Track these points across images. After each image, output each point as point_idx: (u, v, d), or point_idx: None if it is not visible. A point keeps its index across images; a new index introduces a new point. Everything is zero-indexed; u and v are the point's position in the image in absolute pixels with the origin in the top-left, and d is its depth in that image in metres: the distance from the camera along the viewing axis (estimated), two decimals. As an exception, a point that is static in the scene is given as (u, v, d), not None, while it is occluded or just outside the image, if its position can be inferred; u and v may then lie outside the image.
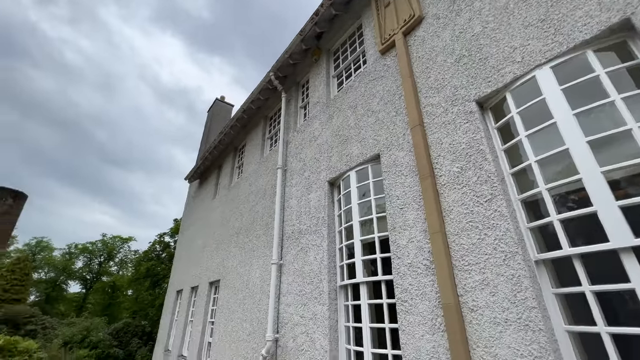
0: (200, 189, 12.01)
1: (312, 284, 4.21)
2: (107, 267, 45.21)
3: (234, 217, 7.74)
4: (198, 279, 8.84)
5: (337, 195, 4.53)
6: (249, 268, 6.13)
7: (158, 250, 26.37)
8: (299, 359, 4.03)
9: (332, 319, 3.76)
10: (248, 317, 5.58)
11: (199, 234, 10.20)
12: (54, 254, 44.20)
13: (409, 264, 3.00)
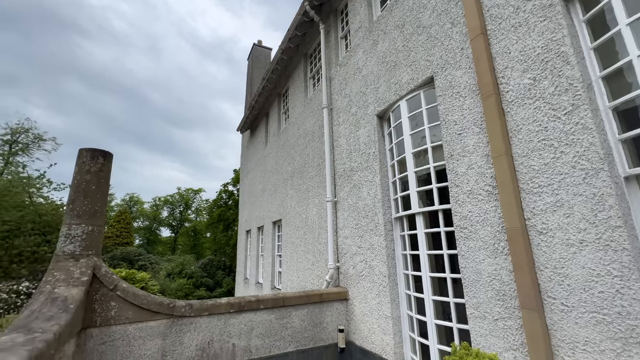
0: (252, 138, 12.54)
1: (367, 217, 4.35)
2: (186, 215, 52.36)
3: (286, 161, 8.05)
4: (262, 220, 9.78)
5: (387, 129, 4.34)
6: (306, 207, 6.52)
7: (224, 198, 29.39)
8: (359, 282, 4.40)
9: (389, 248, 3.93)
10: (310, 249, 6.12)
11: (257, 180, 10.97)
12: (144, 207, 52.28)
13: (468, 191, 2.87)
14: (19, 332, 2.33)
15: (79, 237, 3.37)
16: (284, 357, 4.05)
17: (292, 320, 4.22)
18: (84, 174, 3.55)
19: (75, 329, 3.05)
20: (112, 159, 3.90)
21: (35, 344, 2.12)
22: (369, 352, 4.03)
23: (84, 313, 3.24)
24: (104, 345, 3.26)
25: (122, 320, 3.37)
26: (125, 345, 3.33)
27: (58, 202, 20.53)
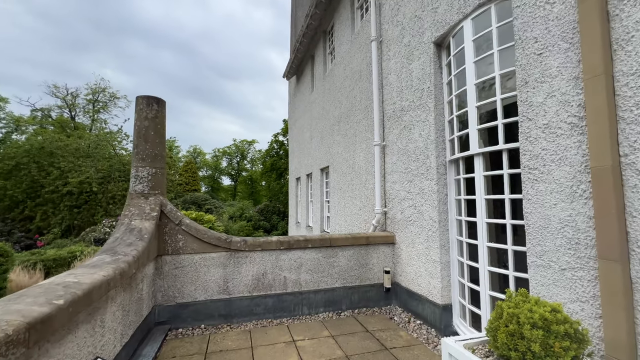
0: (298, 85, 12.22)
1: (418, 161, 4.05)
2: (243, 165, 56.03)
3: (333, 106, 7.73)
4: (310, 167, 9.93)
5: (446, 58, 3.75)
6: (353, 153, 6.34)
7: (276, 148, 30.41)
8: (407, 227, 4.29)
9: (440, 193, 3.67)
10: (357, 194, 6.09)
11: (304, 128, 10.92)
12: (206, 157, 57.03)
13: (544, 125, 2.40)
14: (107, 253, 2.75)
15: (145, 178, 3.74)
16: (332, 291, 4.31)
17: (339, 260, 4.39)
18: (142, 120, 3.80)
19: (152, 255, 3.54)
20: (165, 105, 4.08)
21: (119, 264, 2.48)
22: (414, 293, 4.07)
23: (158, 243, 3.73)
24: (176, 270, 3.77)
25: (188, 251, 3.82)
26: (193, 272, 3.82)
27: (135, 153, 23.25)
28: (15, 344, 1.26)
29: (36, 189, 20.58)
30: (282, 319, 4.05)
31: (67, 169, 20.67)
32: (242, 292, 3.97)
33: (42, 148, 21.69)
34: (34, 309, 1.46)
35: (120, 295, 2.58)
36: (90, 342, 2.03)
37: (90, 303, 1.93)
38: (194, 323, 3.77)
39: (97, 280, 2.05)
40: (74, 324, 1.82)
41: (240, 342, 3.38)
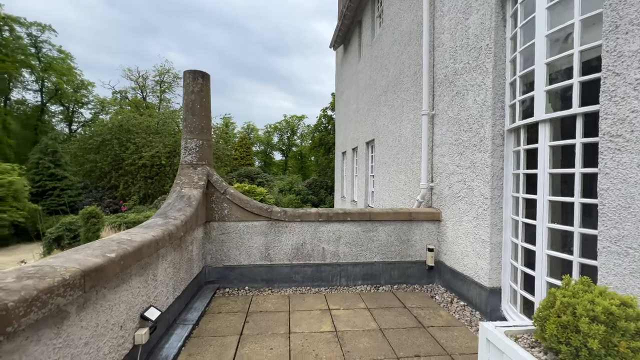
0: (345, 54, 11.72)
1: (471, 131, 3.63)
2: (293, 140, 57.28)
3: (380, 74, 7.27)
4: (356, 141, 9.68)
5: (511, 8, 3.18)
6: (399, 124, 5.96)
7: (324, 123, 30.28)
8: (455, 204, 3.97)
9: (495, 167, 3.26)
10: (402, 169, 5.79)
11: (351, 100, 10.57)
12: (259, 133, 59.47)
13: (636, 80, 1.91)
14: (160, 217, 3.04)
15: (193, 149, 3.98)
16: (370, 265, 4.27)
17: (379, 234, 4.28)
18: (189, 94, 3.99)
19: (201, 221, 3.84)
20: (210, 79, 4.21)
21: (168, 227, 2.72)
22: (459, 273, 3.82)
23: (206, 210, 4.02)
24: (222, 236, 4.06)
25: (233, 218, 4.06)
26: (238, 238, 4.07)
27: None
28: (72, 287, 1.46)
29: (118, 161, 23.74)
30: (320, 288, 4.16)
31: (141, 144, 23.32)
32: (282, 260, 4.14)
33: (121, 126, 24.66)
34: (90, 259, 1.67)
35: (171, 254, 2.86)
36: (144, 292, 2.30)
37: (140, 258, 2.15)
38: (239, 284, 4.08)
39: (147, 239, 2.28)
40: (127, 275, 2.06)
41: (279, 306, 3.58)
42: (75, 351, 1.56)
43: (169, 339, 2.66)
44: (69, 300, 1.45)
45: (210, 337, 2.86)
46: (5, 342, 1.16)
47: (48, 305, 1.31)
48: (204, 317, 3.25)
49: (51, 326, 1.39)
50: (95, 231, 13.47)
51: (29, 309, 1.21)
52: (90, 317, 1.67)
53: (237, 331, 2.96)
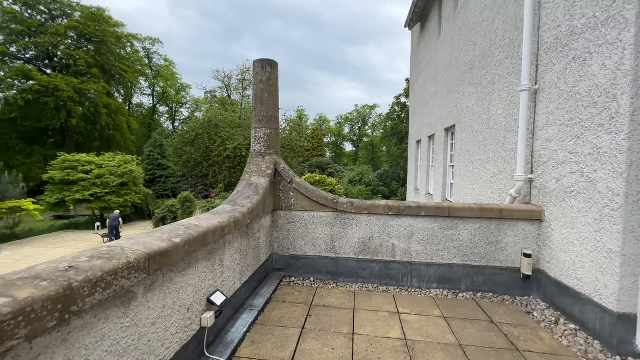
0: (422, 33, 10.66)
1: (595, 106, 2.77)
2: (364, 130, 56.33)
3: (464, 49, 6.32)
4: (433, 128, 8.78)
5: None
6: (488, 105, 5.07)
7: (397, 111, 28.77)
8: (565, 201, 3.14)
9: (633, 152, 2.41)
10: (491, 158, 4.93)
11: (428, 82, 9.61)
12: (330, 124, 60.18)
13: None
14: (229, 204, 3.12)
15: (262, 138, 4.03)
16: (448, 267, 3.74)
17: (459, 233, 3.70)
18: (258, 83, 4.02)
19: (269, 209, 3.88)
20: (278, 67, 4.18)
21: (234, 213, 2.75)
22: (569, 288, 3.03)
23: (274, 199, 4.05)
24: (289, 225, 4.05)
25: (299, 208, 4.00)
26: (303, 228, 4.01)
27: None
28: (137, 270, 1.50)
29: (208, 153, 26.86)
30: (389, 287, 3.83)
31: (226, 137, 25.87)
32: (348, 254, 3.94)
33: (210, 121, 27.73)
34: (156, 243, 1.72)
35: (238, 241, 2.91)
36: (210, 277, 2.37)
37: (206, 244, 2.19)
38: (304, 275, 4.03)
39: (212, 225, 2.32)
40: (194, 259, 2.11)
41: (343, 301, 3.39)
42: (143, 330, 1.63)
43: (235, 324, 2.73)
44: (134, 282, 1.49)
45: (274, 326, 2.84)
46: (74, 318, 1.22)
47: (113, 286, 1.35)
48: (269, 305, 3.27)
49: (119, 306, 1.45)
50: (189, 213, 15.46)
51: (94, 290, 1.25)
52: (157, 298, 1.73)
53: (299, 324, 2.89)
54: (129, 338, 1.52)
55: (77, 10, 32.54)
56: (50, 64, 31.94)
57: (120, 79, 37.19)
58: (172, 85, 48.03)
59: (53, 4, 31.56)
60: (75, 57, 31.00)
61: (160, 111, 50.41)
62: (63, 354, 1.18)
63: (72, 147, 27.40)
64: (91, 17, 32.51)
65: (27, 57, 31.09)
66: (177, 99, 49.37)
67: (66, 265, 1.27)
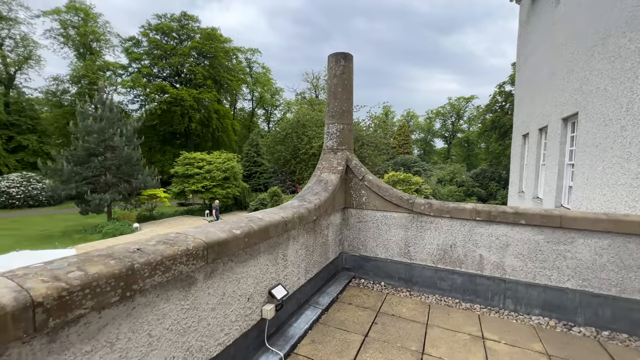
0: (534, 5, 8.87)
1: None
2: (458, 125, 51.03)
3: (595, 14, 4.93)
4: (546, 118, 7.21)
5: None
6: (631, 84, 3.82)
7: (499, 101, 24.98)
8: None
9: None
10: (633, 154, 3.71)
11: (541, 63, 7.94)
12: (419, 120, 56.64)
13: None
14: (297, 199, 3.15)
15: (334, 134, 3.96)
16: (558, 291, 2.96)
17: (577, 249, 2.88)
18: (332, 78, 3.96)
19: (339, 206, 3.79)
20: (352, 60, 4.03)
21: (300, 209, 2.75)
22: None
23: (345, 196, 3.94)
24: (360, 224, 3.88)
25: (371, 207, 3.79)
26: (375, 228, 3.78)
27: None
28: (195, 257, 1.59)
29: (296, 151, 28.64)
30: (474, 304, 3.27)
31: (312, 136, 27.07)
32: (424, 261, 3.53)
33: (298, 121, 29.48)
34: (216, 233, 1.81)
35: (303, 237, 2.91)
36: (272, 269, 2.41)
37: (267, 237, 2.23)
38: (374, 278, 3.80)
39: (275, 219, 2.35)
40: (255, 252, 2.17)
41: (415, 313, 3.05)
42: (203, 314, 1.73)
43: (297, 319, 2.73)
44: (192, 268, 1.58)
45: (336, 328, 2.74)
46: (137, 296, 1.35)
47: (171, 270, 1.46)
48: (335, 305, 3.19)
49: (180, 289, 1.57)
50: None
51: (153, 272, 1.37)
52: (217, 285, 1.82)
53: (362, 330, 2.71)
54: (189, 319, 1.63)
55: (197, 32, 38.93)
56: (178, 79, 39.14)
57: (227, 87, 42.97)
58: (267, 90, 52.99)
59: (181, 30, 38.52)
60: (195, 72, 37.21)
61: (258, 114, 56.27)
62: (128, 326, 1.32)
63: (192, 147, 33.06)
64: (207, 36, 38.40)
65: (164, 75, 38.83)
66: (271, 102, 54.22)
67: (135, 247, 1.42)
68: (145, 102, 36.88)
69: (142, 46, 37.29)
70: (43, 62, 35.61)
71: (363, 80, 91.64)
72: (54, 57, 46.84)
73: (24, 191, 25.27)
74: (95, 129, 17.66)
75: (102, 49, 38.57)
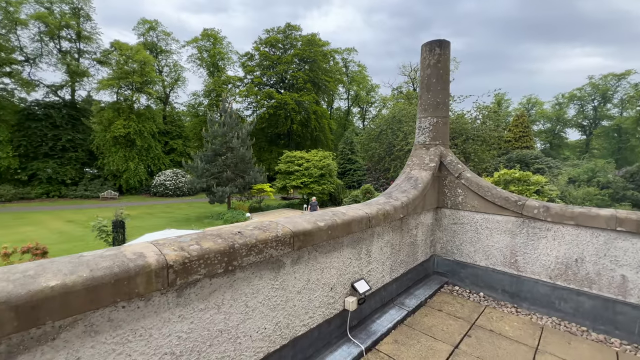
0: None
1: None
2: (603, 110, 40.05)
3: None
4: None
5: None
6: None
7: (676, 74, 18.36)
8: None
9: None
10: None
11: None
12: (543, 107, 47.05)
13: None
14: (384, 196, 3.14)
15: (426, 128, 3.73)
16: None
17: None
18: (424, 69, 3.73)
19: (430, 206, 3.57)
20: (449, 46, 3.71)
21: (385, 206, 2.74)
22: None
23: (437, 195, 3.68)
24: (455, 226, 3.55)
25: (468, 208, 3.43)
26: (473, 232, 3.40)
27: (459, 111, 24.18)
28: (282, 243, 1.79)
29: (391, 148, 27.88)
30: (610, 337, 2.58)
31: (408, 132, 25.85)
32: (537, 274, 2.98)
33: (394, 117, 28.60)
34: (302, 224, 1.98)
35: (388, 234, 2.86)
36: (355, 264, 2.47)
37: (350, 231, 2.30)
38: (471, 287, 3.42)
39: (358, 215, 2.39)
40: (338, 244, 2.27)
41: (521, 334, 2.61)
42: (290, 295, 1.93)
43: (381, 317, 2.72)
44: (281, 253, 1.79)
45: (422, 332, 2.60)
46: (237, 271, 1.62)
47: (263, 252, 1.68)
48: (422, 309, 3.02)
49: (270, 270, 1.79)
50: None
51: (249, 252, 1.61)
52: (302, 271, 2.00)
53: (452, 341, 2.49)
54: (277, 298, 1.85)
55: (299, 40, 42.14)
56: (282, 85, 43.28)
57: (324, 89, 45.08)
58: (363, 87, 53.16)
59: (285, 40, 42.40)
60: (297, 77, 40.44)
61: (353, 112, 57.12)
62: (230, 294, 1.60)
63: (293, 146, 36.15)
64: (307, 42, 41.14)
65: (271, 83, 43.58)
66: (366, 99, 54.18)
67: (237, 230, 1.70)
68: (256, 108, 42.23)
69: (254, 59, 42.82)
70: (187, 82, 45.02)
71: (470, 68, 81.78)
72: (193, 77, 58.63)
73: (174, 184, 32.62)
74: (219, 133, 21.30)
75: (225, 65, 46.06)
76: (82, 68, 34.70)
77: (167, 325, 1.36)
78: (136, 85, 33.47)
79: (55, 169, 30.16)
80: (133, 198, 31.56)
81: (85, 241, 13.36)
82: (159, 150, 36.45)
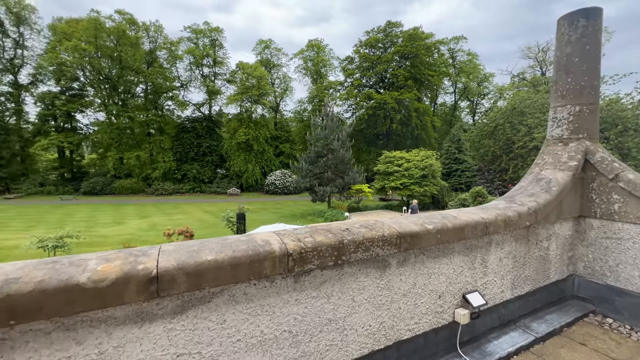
0: None
1: None
2: None
3: None
4: None
5: None
6: None
7: None
8: None
9: None
10: None
11: None
12: None
13: None
14: (504, 200, 2.77)
15: (564, 119, 3.09)
16: None
17: None
18: (562, 47, 3.09)
19: (569, 214, 2.94)
20: (601, 15, 2.95)
21: (506, 211, 2.41)
22: None
23: (580, 200, 2.98)
24: (607, 240, 2.81)
25: (629, 219, 2.66)
26: (637, 250, 2.61)
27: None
28: (389, 243, 1.78)
29: (509, 145, 23.92)
30: None
31: (534, 125, 21.65)
32: None
33: (514, 109, 24.44)
34: (409, 225, 1.92)
35: (510, 244, 2.48)
36: (468, 273, 2.24)
37: (462, 237, 2.10)
38: (633, 321, 2.62)
39: (472, 219, 2.16)
40: (448, 250, 2.11)
41: None
42: (395, 297, 1.91)
43: (499, 337, 2.39)
44: (386, 253, 1.78)
45: (556, 366, 2.15)
46: (345, 265, 1.70)
47: (369, 251, 1.72)
48: (556, 338, 2.50)
49: (376, 268, 1.81)
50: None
51: (357, 249, 1.67)
52: (408, 274, 1.95)
53: (603, 385, 1.97)
54: (382, 297, 1.86)
55: (399, 37, 40.77)
56: (382, 85, 42.71)
57: (427, 84, 42.25)
58: (474, 78, 47.38)
59: (385, 39, 41.67)
60: (397, 75, 39.24)
61: (461, 107, 51.53)
62: (338, 287, 1.69)
63: (392, 146, 35.23)
64: (409, 37, 39.40)
65: (370, 84, 43.60)
66: (478, 91, 48.09)
67: (345, 227, 1.79)
68: (355, 110, 42.97)
69: (354, 62, 43.69)
70: (294, 91, 49.74)
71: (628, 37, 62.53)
72: (299, 85, 64.14)
73: (282, 183, 36.48)
74: (321, 136, 22.65)
75: (327, 72, 48.61)
76: (216, 88, 42.65)
77: (287, 306, 1.55)
78: (254, 98, 38.92)
79: (198, 170, 38.18)
80: (250, 195, 36.82)
81: (217, 228, 16.34)
82: (271, 154, 41.37)
